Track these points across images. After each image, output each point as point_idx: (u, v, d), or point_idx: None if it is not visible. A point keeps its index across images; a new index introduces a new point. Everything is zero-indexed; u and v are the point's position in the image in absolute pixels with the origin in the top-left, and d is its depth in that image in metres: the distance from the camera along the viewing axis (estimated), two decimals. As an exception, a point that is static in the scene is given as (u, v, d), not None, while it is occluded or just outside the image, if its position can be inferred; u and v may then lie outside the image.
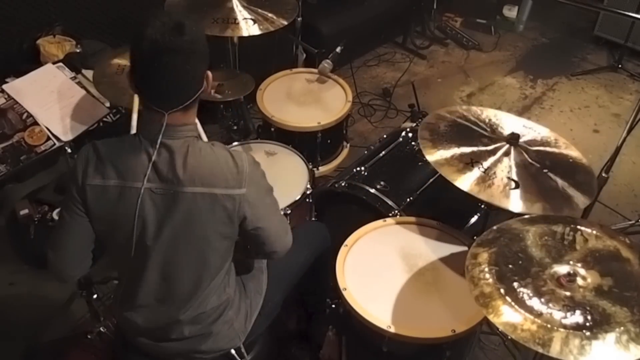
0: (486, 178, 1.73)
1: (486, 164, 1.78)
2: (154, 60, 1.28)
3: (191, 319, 1.54)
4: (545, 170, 1.79)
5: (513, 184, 1.73)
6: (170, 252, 1.43)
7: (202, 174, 1.37)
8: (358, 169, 2.29)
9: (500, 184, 1.72)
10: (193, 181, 1.36)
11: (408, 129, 2.54)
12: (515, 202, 1.68)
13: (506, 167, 1.79)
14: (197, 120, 1.46)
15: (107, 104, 2.12)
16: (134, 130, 1.90)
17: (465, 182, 1.72)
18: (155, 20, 1.27)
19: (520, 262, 1.42)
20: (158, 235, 1.40)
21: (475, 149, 1.84)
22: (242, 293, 1.67)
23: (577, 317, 1.27)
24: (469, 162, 1.78)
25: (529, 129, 1.99)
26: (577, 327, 1.25)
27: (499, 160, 1.81)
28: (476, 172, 1.75)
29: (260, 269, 1.77)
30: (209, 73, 1.39)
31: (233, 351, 1.65)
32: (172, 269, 1.46)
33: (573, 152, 1.92)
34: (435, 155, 1.81)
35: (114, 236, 1.44)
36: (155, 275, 1.46)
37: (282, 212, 1.64)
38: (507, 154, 1.84)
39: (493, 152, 1.84)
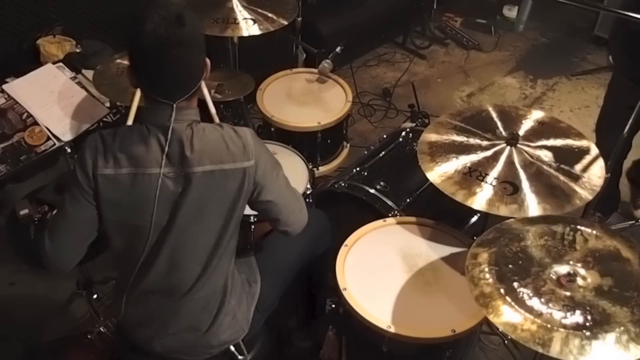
0: (488, 188, 1.73)
1: (486, 172, 1.78)
2: (160, 54, 1.29)
3: (196, 305, 1.54)
4: (547, 167, 1.79)
5: (511, 189, 1.73)
6: (182, 234, 1.44)
7: (209, 152, 1.39)
8: (358, 169, 2.30)
9: (499, 191, 1.72)
10: (202, 160, 1.38)
11: (408, 129, 2.55)
12: (515, 208, 1.68)
13: (506, 171, 1.78)
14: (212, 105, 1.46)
15: (107, 104, 2.12)
16: (130, 122, 1.91)
17: (474, 201, 1.71)
18: (154, 15, 1.28)
19: (520, 262, 1.42)
20: (173, 219, 1.42)
21: (474, 157, 1.84)
22: (241, 284, 1.67)
23: (577, 317, 1.27)
24: (468, 172, 1.78)
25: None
26: (577, 327, 1.25)
27: (498, 166, 1.80)
28: (480, 186, 1.74)
29: (249, 261, 1.78)
30: (208, 60, 1.42)
31: (233, 348, 1.65)
32: (182, 252, 1.47)
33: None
34: (435, 173, 1.80)
35: (126, 225, 1.44)
36: (165, 260, 1.47)
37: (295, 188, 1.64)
38: (507, 156, 1.84)
39: (493, 158, 1.83)
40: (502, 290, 1.35)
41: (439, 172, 1.80)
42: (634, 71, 2.38)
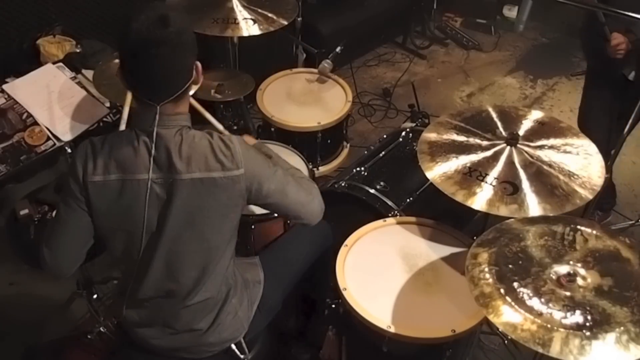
0: (488, 188, 1.74)
1: (486, 172, 1.78)
2: (141, 54, 1.30)
3: (197, 307, 1.55)
4: (547, 167, 1.79)
5: (511, 189, 1.73)
6: (175, 241, 1.44)
7: (197, 160, 1.39)
8: (358, 169, 2.30)
9: (499, 191, 1.72)
10: (190, 167, 1.38)
11: (408, 129, 2.55)
12: (515, 208, 1.68)
13: (506, 171, 1.78)
14: (208, 115, 1.45)
15: (107, 104, 2.13)
16: (123, 126, 1.92)
17: (474, 201, 1.71)
18: (140, 15, 1.29)
19: (520, 262, 1.42)
20: (163, 225, 1.42)
21: (474, 157, 1.84)
22: (242, 282, 1.67)
23: (577, 317, 1.27)
24: (468, 172, 1.78)
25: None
26: (577, 327, 1.25)
27: (498, 166, 1.80)
28: (480, 186, 1.75)
29: (254, 263, 1.78)
30: (198, 64, 1.41)
31: (234, 346, 1.65)
32: (178, 258, 1.47)
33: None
34: (435, 173, 1.80)
35: (119, 231, 1.44)
36: (161, 266, 1.47)
37: (303, 178, 1.64)
38: (507, 156, 1.84)
39: (493, 158, 1.83)
40: (502, 290, 1.35)
41: (439, 172, 1.80)
42: (598, 66, 2.52)
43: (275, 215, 1.93)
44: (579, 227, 1.50)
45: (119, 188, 1.39)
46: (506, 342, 2.24)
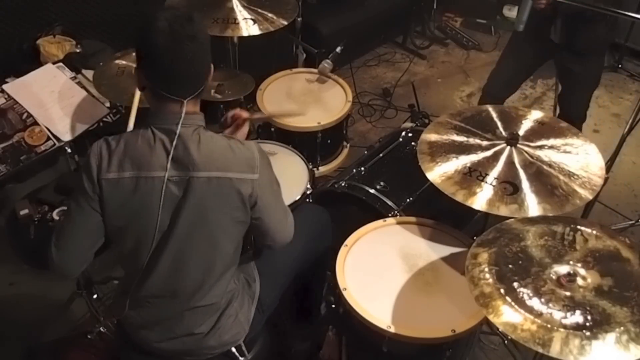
0: (488, 188, 1.74)
1: (486, 172, 1.78)
2: (175, 49, 1.32)
3: (200, 310, 1.55)
4: (547, 167, 1.79)
5: (511, 189, 1.73)
6: (184, 239, 1.45)
7: (216, 159, 1.40)
8: (358, 169, 2.30)
9: (499, 191, 1.72)
10: (207, 166, 1.39)
11: (408, 129, 2.55)
12: (515, 208, 1.68)
13: (506, 171, 1.78)
14: None
15: (107, 104, 2.13)
16: (131, 126, 1.91)
17: (474, 201, 1.71)
18: (166, 14, 1.32)
19: (520, 262, 1.42)
20: (175, 223, 1.42)
21: (474, 157, 1.84)
22: (242, 284, 1.68)
23: (577, 317, 1.27)
24: (468, 172, 1.78)
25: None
26: (577, 327, 1.25)
27: (498, 166, 1.80)
28: (480, 186, 1.75)
29: (247, 260, 1.78)
30: (211, 64, 1.44)
31: (234, 349, 1.65)
32: (185, 257, 1.47)
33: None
34: (435, 173, 1.80)
35: (130, 229, 1.44)
36: (168, 264, 1.47)
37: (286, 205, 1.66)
38: (507, 156, 1.84)
39: (493, 158, 1.83)
40: (502, 290, 1.35)
41: (439, 172, 1.80)
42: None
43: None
44: (579, 227, 1.50)
45: (133, 185, 1.39)
46: (506, 342, 2.24)
